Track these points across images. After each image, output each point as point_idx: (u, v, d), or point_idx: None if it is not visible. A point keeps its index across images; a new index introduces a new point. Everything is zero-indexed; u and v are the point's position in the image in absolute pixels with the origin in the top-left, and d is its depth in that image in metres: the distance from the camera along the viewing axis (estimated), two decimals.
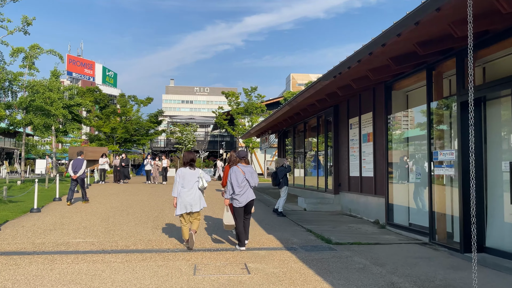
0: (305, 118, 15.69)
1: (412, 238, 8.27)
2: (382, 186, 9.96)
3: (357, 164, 11.50)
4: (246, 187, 7.10)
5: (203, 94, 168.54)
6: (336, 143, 13.09)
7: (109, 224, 9.29)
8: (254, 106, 34.16)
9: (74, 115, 24.34)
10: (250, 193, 7.13)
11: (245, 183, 7.09)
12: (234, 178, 7.07)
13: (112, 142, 37.99)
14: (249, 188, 7.14)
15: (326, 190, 13.75)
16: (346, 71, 7.61)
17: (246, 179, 7.12)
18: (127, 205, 12.86)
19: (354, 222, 10.34)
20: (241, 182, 7.06)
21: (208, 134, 54.59)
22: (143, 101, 39.69)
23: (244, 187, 7.06)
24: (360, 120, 11.37)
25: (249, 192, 7.12)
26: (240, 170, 7.14)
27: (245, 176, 7.11)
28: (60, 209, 11.72)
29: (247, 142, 33.76)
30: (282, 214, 11.22)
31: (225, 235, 8.25)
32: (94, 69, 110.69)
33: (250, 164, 8.18)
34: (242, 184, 7.05)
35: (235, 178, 7.07)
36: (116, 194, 16.39)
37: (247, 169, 7.25)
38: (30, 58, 18.31)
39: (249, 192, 7.12)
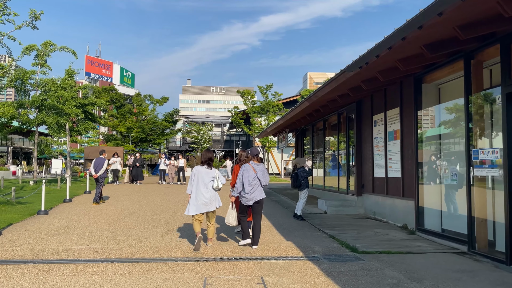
0: (325, 115, 14.91)
1: (447, 246, 7.45)
2: (411, 188, 9.14)
3: (382, 164, 10.69)
4: (257, 185, 6.99)
5: (220, 94, 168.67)
6: (359, 142, 12.29)
7: (116, 228, 8.71)
8: (271, 104, 33.38)
9: (89, 114, 24.02)
10: (260, 192, 7.03)
11: (256, 181, 6.98)
12: (246, 176, 6.95)
13: (128, 141, 37.73)
14: (259, 187, 7.03)
15: (348, 192, 12.95)
16: (374, 60, 6.84)
17: (258, 178, 7.00)
18: (139, 207, 12.30)
19: (380, 227, 9.54)
20: (252, 181, 6.94)
21: (224, 133, 54.10)
22: (159, 101, 39.35)
23: (254, 186, 6.96)
24: (385, 116, 10.56)
25: (259, 191, 7.02)
26: (251, 168, 7.02)
27: (257, 175, 6.98)
28: (69, 211, 11.22)
29: (264, 141, 33.04)
30: (301, 218, 10.48)
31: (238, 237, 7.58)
32: (112, 70, 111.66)
33: (263, 163, 7.78)
34: (253, 182, 6.94)
35: (247, 176, 6.94)
36: (129, 195, 15.89)
37: (259, 167, 7.13)
38: (43, 55, 17.97)
39: (259, 191, 7.02)
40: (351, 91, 9.92)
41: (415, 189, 8.76)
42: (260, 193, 7.04)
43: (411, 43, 6.12)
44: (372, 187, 11.36)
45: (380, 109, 10.86)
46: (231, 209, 7.18)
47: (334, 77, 8.52)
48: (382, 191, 10.69)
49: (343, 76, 8.14)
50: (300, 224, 9.83)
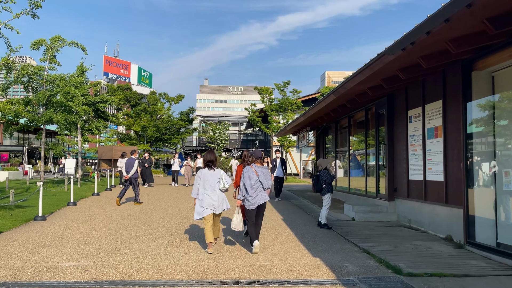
0: (351, 111, 13.61)
1: (506, 265, 6.14)
2: (457, 194, 7.82)
3: (420, 166, 9.38)
4: (260, 189, 6.85)
5: (237, 93, 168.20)
6: (390, 140, 10.97)
7: (117, 239, 7.63)
8: (289, 102, 32.06)
9: (100, 112, 23.20)
10: (263, 195, 6.87)
11: (258, 184, 6.83)
12: (248, 179, 6.80)
13: (143, 141, 36.96)
14: (262, 190, 6.88)
15: (377, 196, 11.65)
16: (422, 39, 5.58)
17: (260, 181, 6.85)
18: (146, 212, 11.24)
19: (419, 238, 8.23)
20: (254, 184, 6.80)
21: (241, 132, 53.05)
22: (174, 99, 38.44)
23: (257, 189, 6.81)
24: (423, 111, 9.24)
25: (262, 194, 6.86)
26: (253, 171, 6.86)
27: (259, 178, 6.83)
28: (69, 217, 10.22)
29: (282, 140, 31.78)
30: (327, 226, 9.25)
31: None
32: (130, 70, 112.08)
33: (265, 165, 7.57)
34: (255, 185, 6.80)
35: (248, 179, 6.80)
36: None
37: (261, 170, 6.96)
38: (51, 50, 17.12)
39: (262, 194, 6.86)
40: (385, 82, 8.63)
41: (464, 195, 7.44)
42: (263, 196, 6.87)
43: (475, 14, 4.85)
44: (406, 191, 10.05)
45: (417, 103, 9.54)
46: (237, 214, 6.99)
47: (369, 63, 7.26)
48: (419, 196, 9.38)
49: (380, 61, 6.88)
50: (326, 234, 8.60)
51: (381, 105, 11.46)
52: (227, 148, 45.67)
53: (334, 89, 9.81)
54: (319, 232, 8.74)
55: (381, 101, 11.39)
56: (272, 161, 14.93)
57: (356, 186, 13.81)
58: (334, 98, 10.26)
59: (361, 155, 13.81)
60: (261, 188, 6.87)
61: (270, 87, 34.31)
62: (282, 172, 14.76)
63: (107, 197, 14.81)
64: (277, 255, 6.56)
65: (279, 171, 14.74)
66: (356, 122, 14.24)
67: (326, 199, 9.29)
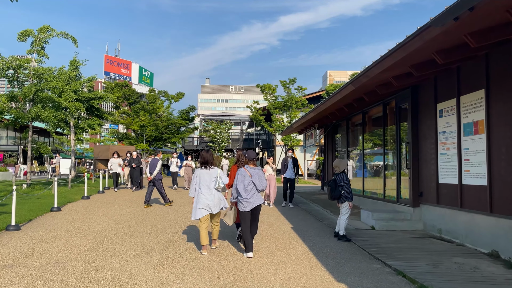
0: (366, 106, 12.28)
1: None
2: (506, 200, 6.51)
3: (454, 167, 8.05)
4: (253, 191, 6.64)
5: (239, 93, 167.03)
6: (415, 138, 9.64)
7: (96, 256, 6.32)
8: (294, 100, 30.68)
9: (95, 109, 21.92)
10: (257, 197, 6.67)
11: (251, 186, 6.63)
12: (241, 181, 6.64)
13: (141, 140, 35.67)
14: (256, 192, 6.68)
15: (398, 201, 10.32)
16: (486, 3, 4.26)
17: (253, 183, 6.65)
18: (138, 220, 9.94)
19: (458, 254, 6.91)
20: (247, 186, 6.62)
21: (243, 132, 51.75)
22: (174, 97, 37.11)
23: (250, 191, 6.62)
24: (459, 103, 7.91)
25: (256, 197, 6.66)
26: (247, 173, 6.69)
27: (252, 179, 6.65)
28: (48, 226, 8.91)
29: (286, 139, 30.42)
30: (345, 238, 7.93)
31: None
32: (131, 69, 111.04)
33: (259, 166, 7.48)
34: (248, 187, 6.61)
35: (242, 181, 6.64)
36: (132, 202, 13.57)
37: (255, 171, 6.75)
38: (39, 42, 15.83)
39: (256, 197, 6.66)
40: (415, 68, 7.31)
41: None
42: (257, 198, 6.66)
43: None
44: (436, 196, 8.72)
45: (449, 94, 8.21)
46: (229, 210, 6.94)
47: (404, 41, 5.92)
48: (453, 203, 8.05)
49: (419, 38, 5.55)
50: (347, 248, 7.28)
51: (403, 99, 10.13)
52: (228, 148, 44.37)
53: (354, 78, 8.47)
54: (338, 246, 7.41)
55: (403, 94, 10.06)
56: (283, 161, 13.29)
57: (371, 189, 12.48)
58: (352, 89, 8.92)
59: (377, 154, 12.48)
60: (254, 190, 6.65)
61: (273, 84, 32.92)
62: (293, 174, 13.10)
63: (97, 201, 13.52)
64: (292, 280, 5.26)
65: (289, 172, 13.08)
66: (371, 118, 12.91)
67: (345, 208, 7.96)
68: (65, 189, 16.56)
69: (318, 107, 12.59)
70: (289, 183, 13.21)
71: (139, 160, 17.03)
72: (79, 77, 21.55)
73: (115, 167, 17.44)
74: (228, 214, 6.99)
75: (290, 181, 13.18)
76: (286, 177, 13.13)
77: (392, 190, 10.84)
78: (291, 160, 13.09)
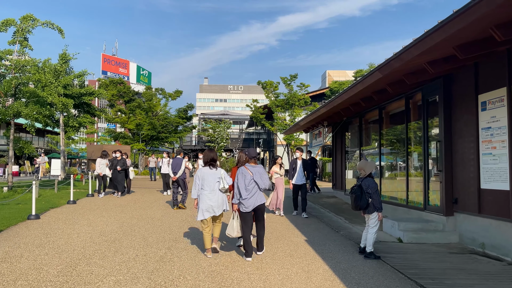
0: (384, 101, 10.95)
1: None
2: None
3: (502, 170, 6.73)
4: (255, 189, 6.37)
5: (237, 93, 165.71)
6: (448, 135, 8.31)
7: (66, 284, 4.96)
8: (296, 97, 29.29)
9: (86, 106, 20.55)
10: (259, 196, 6.39)
11: (253, 185, 6.36)
12: (242, 179, 6.38)
13: (137, 140, 34.28)
14: (257, 191, 6.39)
15: (426, 208, 8.99)
16: None
17: (255, 181, 6.38)
18: (126, 230, 8.58)
19: None
20: (248, 185, 6.35)
21: (242, 131, 50.41)
22: (171, 95, 35.70)
23: (252, 190, 6.34)
24: (510, 93, 6.58)
25: (258, 196, 6.39)
26: (247, 171, 6.42)
27: (253, 177, 6.37)
28: (17, 239, 7.54)
29: (289, 139, 29.03)
30: (373, 255, 6.59)
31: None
32: (129, 68, 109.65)
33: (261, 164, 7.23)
34: (249, 186, 6.35)
35: (242, 179, 6.38)
36: (122, 207, 12.21)
37: (256, 169, 6.48)
38: (22, 32, 14.45)
39: (258, 196, 6.39)
40: (462, 50, 5.96)
41: None
42: (259, 197, 6.39)
43: None
44: (477, 204, 7.39)
45: (497, 82, 6.88)
46: (232, 219, 6.51)
47: (464, 8, 4.57)
48: (502, 213, 6.72)
49: (480, 6, 4.21)
50: (379, 269, 5.93)
51: (432, 90, 8.79)
52: (228, 148, 43.01)
53: (384, 63, 7.09)
54: (367, 267, 6.07)
55: (432, 85, 8.73)
56: (291, 164, 11.24)
57: (391, 194, 11.15)
58: (378, 77, 7.55)
59: (397, 154, 11.16)
60: (256, 188, 6.38)
61: (274, 81, 31.63)
62: (303, 178, 11.17)
63: (84, 207, 12.16)
64: None
65: (299, 177, 11.10)
66: (389, 114, 11.59)
67: (373, 220, 6.62)
68: (51, 192, 15.19)
69: (332, 101, 11.24)
70: (299, 189, 11.25)
71: (124, 162, 15.10)
72: (69, 72, 20.19)
73: (102, 168, 15.07)
74: (230, 224, 6.48)
75: (299, 187, 11.22)
76: (294, 183, 11.18)
77: (417, 195, 9.51)
78: (300, 162, 11.13)
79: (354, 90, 8.99)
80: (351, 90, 9.27)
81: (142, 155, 35.06)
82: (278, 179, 11.35)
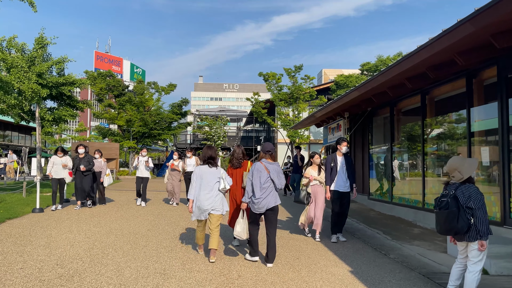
0: (432, 83, 8.56)
1: None
2: None
3: None
4: (270, 189, 5.80)
5: (233, 91, 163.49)
6: None
7: None
8: (302, 90, 26.83)
9: (66, 97, 18.06)
10: (273, 197, 5.80)
11: (268, 184, 5.80)
12: (257, 177, 5.76)
13: (128, 137, 31.73)
14: (272, 191, 5.83)
15: (505, 223, 6.62)
16: None
17: (271, 179, 5.81)
18: (96, 255, 6.13)
19: None
20: (264, 183, 5.75)
21: (240, 129, 47.99)
22: (165, 89, 33.11)
23: (267, 189, 5.77)
24: None
25: (272, 196, 5.79)
26: (263, 168, 5.82)
27: (270, 176, 5.79)
28: None
29: (293, 136, 26.59)
30: None
31: None
32: (122, 66, 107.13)
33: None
34: (265, 185, 5.76)
35: (258, 177, 5.76)
36: (99, 217, 9.76)
37: (273, 166, 5.89)
38: None
39: (272, 196, 5.79)
40: None
41: None
42: (274, 198, 5.80)
43: None
44: None
45: None
46: (241, 219, 5.92)
47: None
48: None
49: None
50: None
51: None
52: (225, 146, 40.57)
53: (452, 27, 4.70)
54: None
55: None
56: (327, 161, 7.74)
57: None
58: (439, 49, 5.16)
59: (448, 151, 8.80)
60: (271, 188, 5.81)
61: (277, 73, 29.13)
62: (347, 185, 7.67)
63: (51, 217, 9.70)
64: None
65: (341, 181, 7.61)
66: (434, 100, 9.25)
67: (475, 250, 4.22)
68: (18, 197, 12.68)
69: (364, 85, 8.85)
70: (342, 201, 7.68)
71: (89, 160, 11.01)
72: (47, 59, 17.69)
73: (58, 170, 10.81)
74: (239, 224, 5.91)
75: (343, 197, 7.66)
76: (336, 190, 7.62)
77: (489, 204, 7.13)
78: (341, 160, 7.65)
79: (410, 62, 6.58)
80: (395, 68, 6.87)
81: (133, 154, 32.50)
82: (316, 187, 7.94)
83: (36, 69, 16.05)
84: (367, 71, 34.93)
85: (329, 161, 7.77)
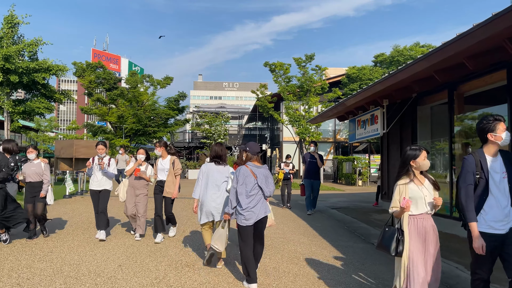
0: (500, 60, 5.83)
1: None
2: None
3: None
4: (258, 196, 4.90)
5: (233, 90, 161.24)
6: None
7: None
8: (313, 82, 24.07)
9: (40, 86, 15.38)
10: (263, 206, 4.94)
11: (256, 191, 4.89)
12: (242, 183, 4.87)
13: (120, 135, 29.01)
14: (261, 199, 4.94)
15: None
16: None
17: (259, 186, 4.90)
18: None
19: None
20: (251, 191, 4.85)
21: (242, 127, 45.33)
22: (160, 82, 30.34)
23: (254, 197, 4.86)
24: None
25: (262, 205, 4.92)
26: (250, 172, 4.90)
27: (257, 182, 4.89)
28: None
29: (303, 133, 23.86)
30: None
31: None
32: (120, 64, 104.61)
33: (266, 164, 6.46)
34: (251, 192, 4.86)
35: (243, 183, 4.87)
36: (54, 241, 7.02)
37: (261, 171, 4.97)
38: None
39: (262, 205, 4.92)
40: None
41: None
42: (263, 208, 4.92)
43: None
44: None
45: None
46: (221, 228, 5.14)
47: None
48: None
49: None
50: None
51: None
52: (226, 145, 37.89)
53: None
54: None
55: None
56: (470, 167, 3.56)
57: None
58: None
59: None
60: (260, 195, 4.92)
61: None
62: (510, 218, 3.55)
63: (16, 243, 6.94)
64: None
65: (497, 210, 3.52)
66: None
67: None
68: None
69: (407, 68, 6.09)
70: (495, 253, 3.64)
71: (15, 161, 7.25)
72: (18, 41, 15.03)
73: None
74: (219, 234, 5.12)
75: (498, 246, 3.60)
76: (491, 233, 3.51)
77: None
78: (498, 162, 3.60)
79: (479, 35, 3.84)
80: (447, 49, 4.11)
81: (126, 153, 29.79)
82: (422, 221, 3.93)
83: (2, 51, 13.41)
84: (380, 63, 32.23)
85: (470, 166, 3.60)
